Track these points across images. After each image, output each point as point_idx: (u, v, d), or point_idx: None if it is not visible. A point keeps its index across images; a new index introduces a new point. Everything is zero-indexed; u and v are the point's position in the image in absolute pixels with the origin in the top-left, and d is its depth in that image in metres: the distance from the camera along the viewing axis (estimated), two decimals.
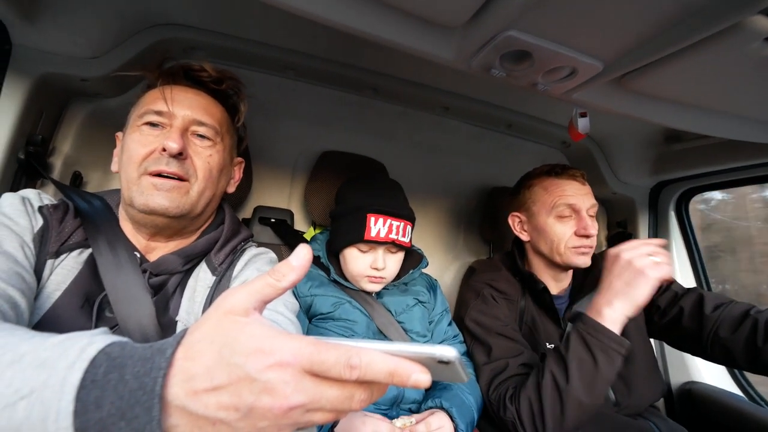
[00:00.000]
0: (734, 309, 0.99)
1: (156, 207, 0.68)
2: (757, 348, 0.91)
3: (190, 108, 0.73)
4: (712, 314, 1.00)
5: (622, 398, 1.04)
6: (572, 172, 1.12)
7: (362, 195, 1.04)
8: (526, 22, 0.56)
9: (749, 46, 0.53)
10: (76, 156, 1.13)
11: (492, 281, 1.16)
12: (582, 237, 1.06)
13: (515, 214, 1.21)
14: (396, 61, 1.21)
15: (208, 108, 0.76)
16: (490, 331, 1.06)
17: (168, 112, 0.71)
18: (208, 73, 0.78)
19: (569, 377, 0.83)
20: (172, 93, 0.72)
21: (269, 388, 0.31)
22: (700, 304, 1.04)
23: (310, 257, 0.39)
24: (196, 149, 0.73)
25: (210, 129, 0.75)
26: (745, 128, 0.86)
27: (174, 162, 0.69)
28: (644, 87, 0.70)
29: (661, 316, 1.10)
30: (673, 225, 1.56)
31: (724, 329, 0.97)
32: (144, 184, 0.68)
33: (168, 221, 0.71)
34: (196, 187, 0.72)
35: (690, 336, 1.05)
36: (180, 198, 0.70)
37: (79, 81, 1.04)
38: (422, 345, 0.33)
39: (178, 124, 0.71)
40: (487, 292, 1.13)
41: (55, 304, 0.63)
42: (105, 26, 0.98)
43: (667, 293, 1.12)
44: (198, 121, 0.73)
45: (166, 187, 0.68)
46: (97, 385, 0.31)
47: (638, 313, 1.12)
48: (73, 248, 0.68)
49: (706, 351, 1.02)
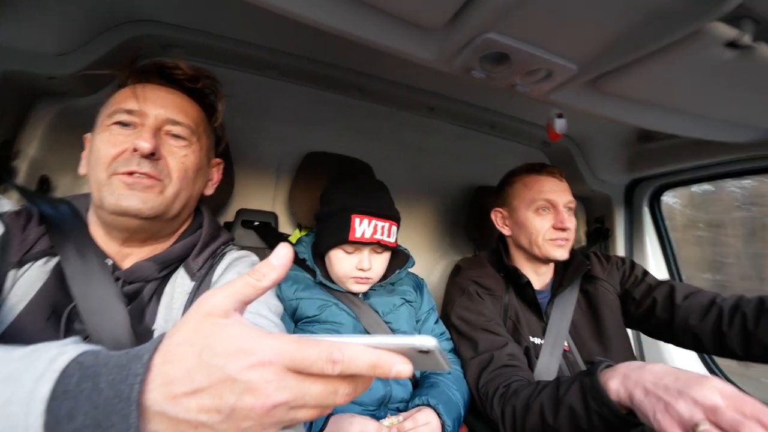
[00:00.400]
0: (702, 297, 1.04)
1: (128, 207, 0.64)
2: (723, 333, 0.96)
3: (163, 107, 0.70)
4: (683, 303, 1.05)
5: None
6: (550, 170, 1.18)
7: (347, 196, 1.04)
8: (504, 25, 0.57)
9: (711, 51, 0.56)
10: (43, 159, 1.07)
11: (477, 278, 1.19)
12: (559, 230, 1.11)
13: (498, 210, 1.25)
14: (381, 62, 1.21)
15: (183, 107, 0.73)
16: (475, 326, 1.08)
17: (139, 111, 0.68)
18: (182, 71, 0.75)
19: (557, 418, 0.80)
20: (144, 91, 0.69)
21: (251, 388, 0.31)
22: (671, 294, 1.09)
23: (291, 256, 0.38)
24: (170, 149, 0.70)
25: (185, 128, 0.71)
26: (711, 128, 0.90)
27: (146, 162, 0.65)
28: (617, 89, 0.73)
29: (637, 307, 1.15)
30: (647, 220, 1.62)
31: (693, 317, 1.02)
32: (115, 184, 0.64)
33: (141, 223, 0.67)
34: (171, 188, 0.69)
35: (663, 325, 1.09)
36: (154, 198, 0.66)
37: (46, 79, 0.98)
38: (402, 336, 0.33)
39: (150, 123, 0.68)
40: (472, 289, 1.16)
41: (18, 317, 0.59)
42: (74, 21, 0.94)
43: (641, 285, 1.16)
44: (172, 120, 0.70)
45: (138, 188, 0.65)
46: (70, 395, 0.31)
47: (614, 303, 1.16)
48: (38, 257, 0.64)
49: (677, 338, 1.07)
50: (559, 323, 1.11)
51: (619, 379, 0.70)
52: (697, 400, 0.57)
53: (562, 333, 1.10)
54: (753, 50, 0.55)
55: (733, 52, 0.56)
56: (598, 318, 1.14)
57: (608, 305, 1.16)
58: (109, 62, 1.01)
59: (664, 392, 0.62)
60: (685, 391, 0.59)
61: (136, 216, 0.65)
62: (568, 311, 1.13)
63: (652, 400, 0.63)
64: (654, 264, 1.58)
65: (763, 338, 0.90)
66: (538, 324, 1.14)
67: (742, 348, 0.94)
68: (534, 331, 1.12)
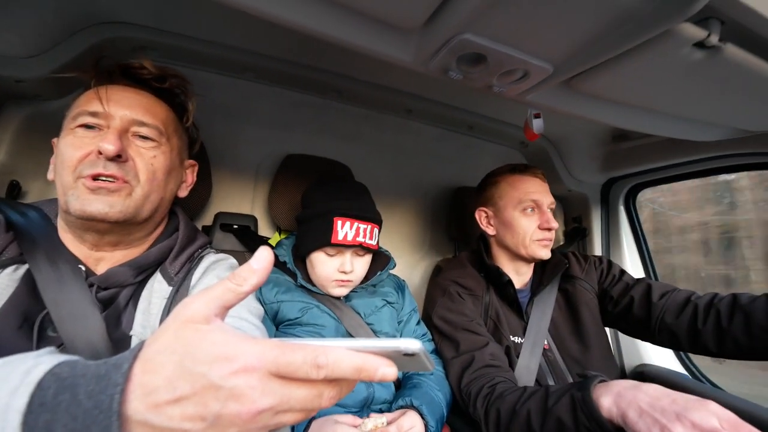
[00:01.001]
0: (678, 296, 1.07)
1: (94, 212, 0.63)
2: (698, 330, 0.99)
3: (129, 107, 0.68)
4: (659, 302, 1.08)
5: None
6: (534, 171, 1.20)
7: (328, 198, 1.03)
8: (479, 26, 0.58)
9: (680, 51, 0.58)
10: (13, 164, 1.04)
11: (458, 278, 1.19)
12: (545, 230, 1.14)
13: (482, 209, 1.26)
14: (359, 64, 1.21)
15: (151, 107, 0.71)
16: (457, 326, 1.08)
17: (104, 113, 0.66)
18: (148, 70, 0.73)
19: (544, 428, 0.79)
20: (108, 92, 0.67)
21: (236, 395, 0.30)
22: (648, 293, 1.11)
23: (272, 259, 0.38)
24: (138, 150, 0.68)
25: (152, 129, 0.70)
26: (683, 127, 0.93)
27: (112, 165, 0.64)
28: (591, 89, 0.75)
29: (614, 306, 1.17)
30: (622, 218, 1.66)
31: (669, 315, 1.05)
32: (80, 189, 0.63)
33: (110, 227, 0.66)
34: (139, 190, 0.68)
35: (640, 323, 1.12)
36: (122, 201, 0.65)
37: (14, 82, 0.95)
38: (387, 339, 0.34)
39: (115, 125, 0.66)
40: (452, 289, 1.16)
41: None
42: (42, 23, 0.90)
43: (619, 284, 1.19)
44: (138, 121, 0.68)
45: (103, 192, 0.64)
46: (47, 408, 0.30)
47: (593, 302, 1.18)
48: (7, 264, 0.62)
49: (654, 336, 1.10)
50: (539, 323, 1.13)
51: (612, 397, 0.70)
52: (695, 423, 0.58)
53: (542, 332, 1.11)
54: (720, 50, 0.57)
55: (702, 52, 0.58)
56: (576, 316, 1.16)
57: (587, 304, 1.18)
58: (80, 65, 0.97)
59: (661, 414, 0.62)
60: (683, 414, 0.60)
61: (102, 220, 0.64)
62: (547, 310, 1.15)
63: (648, 421, 0.63)
64: (630, 262, 1.62)
65: (736, 335, 0.93)
66: (519, 323, 1.15)
67: (716, 345, 0.97)
68: (514, 330, 1.14)
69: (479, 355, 1.01)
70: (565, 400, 0.76)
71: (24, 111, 1.05)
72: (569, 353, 1.12)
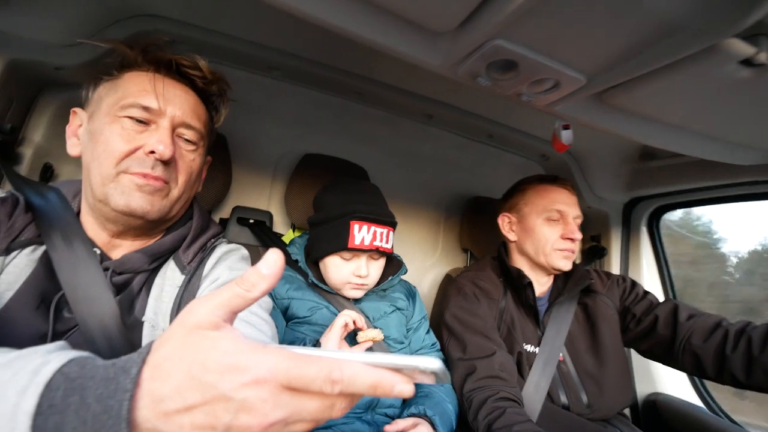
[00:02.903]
0: (707, 319, 1.02)
1: (137, 209, 0.63)
2: (725, 356, 0.94)
3: (180, 108, 0.67)
4: (686, 322, 1.04)
5: (594, 400, 1.05)
6: (563, 182, 1.19)
7: (344, 201, 1.01)
8: (513, 32, 0.56)
9: (724, 68, 0.56)
10: (48, 147, 1.07)
11: (475, 279, 1.19)
12: (567, 240, 1.11)
13: (506, 215, 1.25)
14: (382, 67, 1.21)
15: (196, 109, 0.71)
16: (468, 327, 1.07)
17: (158, 110, 0.65)
18: (201, 72, 0.72)
19: None
20: (163, 87, 0.66)
21: (247, 407, 0.30)
22: (674, 312, 1.07)
23: (282, 264, 0.36)
24: (181, 153, 0.69)
25: (196, 133, 0.71)
26: (718, 149, 0.89)
27: (160, 166, 0.64)
28: (624, 103, 0.72)
29: (637, 324, 1.13)
30: (644, 241, 1.61)
31: (696, 337, 1.00)
32: (125, 183, 0.63)
33: (144, 223, 0.67)
34: (175, 191, 0.69)
35: (663, 343, 1.07)
36: (160, 201, 0.66)
37: (53, 69, 0.99)
38: (405, 356, 0.32)
39: (166, 125, 0.66)
40: (468, 290, 1.15)
41: (6, 305, 0.58)
42: (83, 13, 0.93)
43: (643, 302, 1.15)
44: (187, 123, 0.69)
45: (148, 190, 0.64)
46: (56, 410, 0.29)
47: (613, 319, 1.14)
48: (25, 245, 0.62)
49: (677, 359, 1.05)
50: (554, 336, 1.10)
51: None
52: None
53: (558, 345, 1.08)
54: None
55: (747, 70, 0.55)
56: (595, 331, 1.13)
57: (606, 320, 1.14)
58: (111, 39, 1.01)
59: None
60: None
61: (143, 217, 0.65)
62: (564, 323, 1.12)
63: None
64: (650, 287, 1.55)
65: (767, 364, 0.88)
66: (534, 331, 1.13)
67: (744, 374, 0.92)
68: (528, 338, 1.11)
69: (487, 363, 0.99)
70: None
71: (61, 97, 1.08)
72: (584, 367, 1.09)
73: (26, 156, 1.03)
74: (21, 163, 1.02)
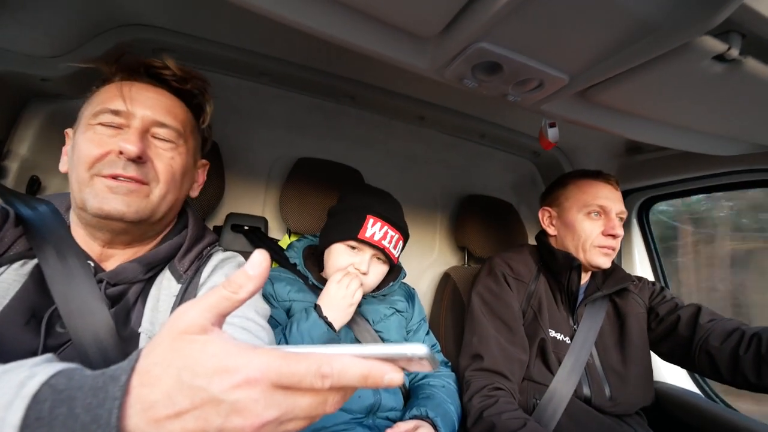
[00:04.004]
0: (727, 323, 1.03)
1: (111, 211, 0.62)
2: (738, 357, 0.94)
3: (151, 108, 0.67)
4: (706, 324, 1.04)
5: (617, 394, 1.06)
6: (607, 177, 1.15)
7: (365, 197, 1.05)
8: (496, 35, 0.58)
9: (699, 65, 0.58)
10: (34, 159, 1.06)
11: (509, 260, 1.18)
12: (608, 237, 1.09)
13: (546, 209, 1.24)
14: (373, 70, 1.22)
15: (171, 108, 0.71)
16: (491, 313, 1.08)
17: (126, 112, 0.65)
18: (171, 71, 0.72)
19: None
20: (131, 91, 0.67)
21: (238, 409, 0.30)
22: (696, 314, 1.08)
23: (268, 264, 0.36)
24: (157, 152, 0.68)
25: (172, 131, 0.69)
26: (699, 141, 0.92)
27: (132, 166, 0.63)
28: (607, 100, 0.74)
29: (659, 323, 1.14)
30: (635, 232, 1.64)
31: (714, 338, 1.01)
32: (98, 186, 0.62)
33: (126, 226, 0.65)
34: (157, 191, 0.67)
35: (681, 345, 1.08)
36: (139, 202, 0.64)
37: (39, 81, 0.99)
38: (392, 345, 0.33)
39: (136, 125, 0.65)
40: (499, 271, 1.15)
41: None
42: (68, 24, 0.93)
43: (668, 303, 1.15)
44: (159, 122, 0.68)
45: (122, 191, 0.63)
46: (43, 422, 0.29)
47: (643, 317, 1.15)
48: (14, 260, 0.61)
49: (693, 360, 1.05)
50: (587, 332, 1.10)
51: None
52: None
53: (588, 344, 1.08)
54: (740, 64, 0.57)
55: (721, 66, 0.57)
56: (624, 328, 1.13)
57: (636, 317, 1.15)
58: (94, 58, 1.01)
59: None
60: None
61: (120, 219, 0.63)
62: (597, 321, 1.12)
63: None
64: (642, 275, 1.58)
65: None
66: (566, 320, 1.13)
67: (755, 374, 0.92)
68: (557, 325, 1.10)
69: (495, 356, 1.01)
70: None
71: (47, 108, 1.08)
72: (610, 363, 1.09)
73: (12, 169, 1.02)
74: (6, 177, 1.00)
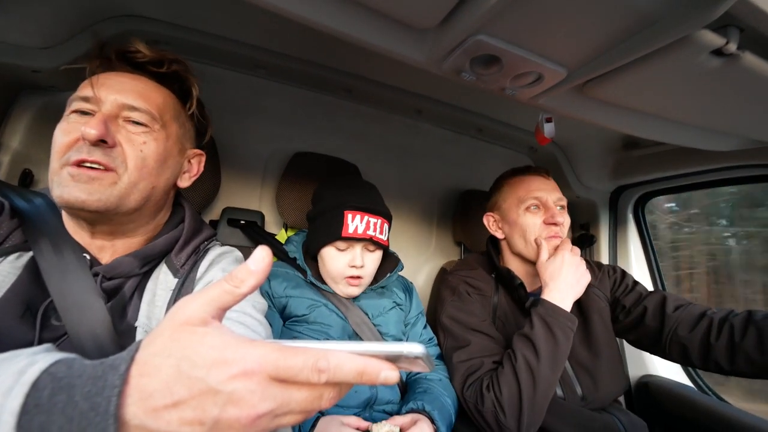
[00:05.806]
0: (693, 310, 1.04)
1: (71, 200, 0.60)
2: (710, 345, 0.96)
3: (120, 92, 0.65)
4: (673, 314, 1.06)
5: (589, 392, 1.08)
6: (536, 170, 1.19)
7: (338, 193, 1.04)
8: (495, 28, 0.57)
9: (697, 59, 0.57)
10: (26, 152, 1.05)
11: (467, 277, 1.19)
12: (550, 225, 1.10)
13: (489, 214, 1.25)
14: (370, 63, 1.21)
15: (144, 92, 0.68)
16: (467, 327, 1.08)
17: (94, 97, 0.64)
18: (143, 53, 0.69)
19: (539, 356, 0.91)
20: (102, 78, 0.66)
21: (235, 399, 0.30)
22: (662, 304, 1.09)
23: (270, 260, 0.37)
24: (128, 136, 0.65)
25: (144, 114, 0.67)
26: (696, 136, 0.92)
27: (97, 151, 0.61)
28: (605, 94, 0.74)
29: (626, 315, 1.15)
30: (631, 227, 1.65)
31: (683, 328, 1.02)
32: (63, 175, 0.61)
33: (92, 216, 0.63)
34: (126, 178, 0.64)
35: (651, 334, 1.10)
36: (102, 190, 0.61)
37: (31, 72, 0.97)
38: (389, 343, 0.34)
39: (105, 110, 0.64)
40: (462, 289, 1.16)
41: None
42: (59, 15, 0.92)
43: (632, 293, 1.16)
44: (129, 105, 0.65)
45: (83, 179, 0.60)
46: (42, 409, 0.29)
47: (605, 311, 1.17)
48: (9, 252, 0.61)
49: (664, 349, 1.07)
50: None
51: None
52: None
53: None
54: (738, 58, 0.56)
55: (719, 60, 0.57)
56: (588, 324, 1.14)
57: (599, 312, 1.15)
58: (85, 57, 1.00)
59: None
60: None
61: (81, 209, 0.61)
62: None
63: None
64: (638, 271, 1.60)
65: (749, 351, 0.90)
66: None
67: (727, 361, 0.94)
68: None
69: (487, 362, 1.01)
70: (536, 319, 0.97)
71: (39, 101, 1.06)
72: (578, 360, 1.10)
73: (4, 163, 1.01)
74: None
